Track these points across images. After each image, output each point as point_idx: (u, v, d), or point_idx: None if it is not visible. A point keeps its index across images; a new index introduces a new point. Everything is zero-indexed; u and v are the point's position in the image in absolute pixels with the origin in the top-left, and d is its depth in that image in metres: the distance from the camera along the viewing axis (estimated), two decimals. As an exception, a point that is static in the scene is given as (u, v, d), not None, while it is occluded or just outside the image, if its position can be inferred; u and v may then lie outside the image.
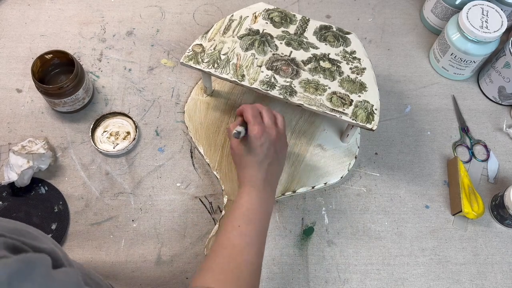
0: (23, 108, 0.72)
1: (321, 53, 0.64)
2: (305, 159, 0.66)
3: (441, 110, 0.76)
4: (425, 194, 0.69)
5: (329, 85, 0.61)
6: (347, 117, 0.59)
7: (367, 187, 0.69)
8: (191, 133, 0.69)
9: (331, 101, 0.60)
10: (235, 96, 0.71)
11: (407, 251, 0.65)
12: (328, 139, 0.68)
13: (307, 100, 0.60)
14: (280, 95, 0.60)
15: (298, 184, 0.65)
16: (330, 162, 0.66)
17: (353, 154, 0.67)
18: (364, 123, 0.59)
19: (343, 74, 0.63)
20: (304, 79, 0.61)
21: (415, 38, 0.84)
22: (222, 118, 0.70)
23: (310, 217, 0.66)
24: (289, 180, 0.65)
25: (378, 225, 0.66)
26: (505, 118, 0.76)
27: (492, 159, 0.72)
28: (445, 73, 0.79)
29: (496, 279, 0.63)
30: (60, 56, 0.69)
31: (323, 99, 0.60)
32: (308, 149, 0.67)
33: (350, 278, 0.62)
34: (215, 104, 0.70)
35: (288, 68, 0.62)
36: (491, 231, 0.67)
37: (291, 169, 0.66)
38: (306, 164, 0.66)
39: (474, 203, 0.65)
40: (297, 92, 0.60)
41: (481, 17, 0.71)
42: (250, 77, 0.61)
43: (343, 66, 0.63)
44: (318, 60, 0.63)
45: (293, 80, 0.61)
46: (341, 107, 0.60)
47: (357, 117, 0.59)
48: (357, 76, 0.63)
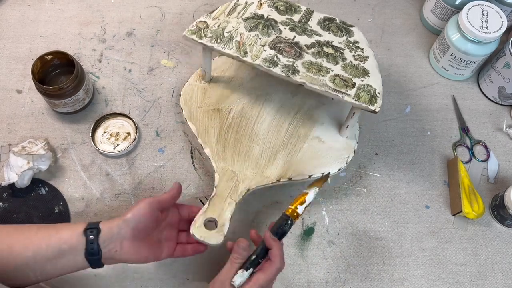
0: (23, 109, 0.72)
1: (325, 40, 0.64)
2: (302, 149, 0.65)
3: (441, 110, 0.76)
4: (425, 195, 0.69)
5: (332, 68, 0.61)
6: (350, 98, 0.58)
7: (367, 187, 0.69)
8: (186, 115, 0.67)
9: (333, 82, 0.59)
10: (234, 85, 0.70)
11: (408, 251, 0.65)
12: (326, 132, 0.67)
13: (310, 79, 0.59)
14: (283, 73, 0.59)
15: (294, 172, 0.64)
16: (328, 154, 0.66)
17: (352, 148, 0.66)
18: (367, 104, 0.58)
19: (346, 60, 0.62)
20: (307, 61, 0.61)
21: (415, 38, 0.84)
22: (219, 104, 0.69)
23: (311, 217, 0.66)
24: (285, 167, 0.64)
25: (378, 225, 0.66)
26: (505, 118, 0.76)
27: (492, 159, 0.72)
28: (445, 73, 0.79)
29: (497, 279, 0.63)
30: (60, 56, 0.69)
31: (326, 79, 0.60)
32: (306, 141, 0.66)
33: (350, 278, 0.63)
34: (213, 90, 0.70)
35: (291, 50, 0.61)
36: (491, 231, 0.67)
37: (287, 158, 0.65)
38: (303, 154, 0.65)
39: (474, 203, 0.65)
40: (299, 72, 0.60)
41: (481, 17, 0.71)
42: (252, 54, 0.61)
43: (346, 53, 0.63)
44: (321, 46, 0.63)
45: (295, 60, 0.61)
46: (343, 88, 0.59)
47: (360, 99, 0.59)
48: (360, 62, 0.62)
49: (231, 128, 0.66)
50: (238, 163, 0.63)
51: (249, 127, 0.67)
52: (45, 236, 0.49)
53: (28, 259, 0.47)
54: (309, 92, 0.62)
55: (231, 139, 0.65)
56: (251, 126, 0.67)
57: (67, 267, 0.50)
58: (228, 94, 0.70)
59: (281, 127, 0.67)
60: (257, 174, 0.63)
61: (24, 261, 0.47)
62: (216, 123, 0.67)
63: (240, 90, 0.70)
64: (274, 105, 0.69)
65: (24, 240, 0.48)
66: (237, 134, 0.66)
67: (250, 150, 0.65)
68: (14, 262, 0.47)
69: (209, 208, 0.58)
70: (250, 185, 0.61)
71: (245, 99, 0.69)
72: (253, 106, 0.69)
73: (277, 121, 0.68)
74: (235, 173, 0.62)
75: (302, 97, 0.70)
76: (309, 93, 0.68)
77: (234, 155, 0.64)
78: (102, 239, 0.50)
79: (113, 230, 0.50)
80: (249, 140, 0.66)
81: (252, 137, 0.66)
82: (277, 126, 0.67)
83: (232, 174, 0.62)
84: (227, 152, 0.64)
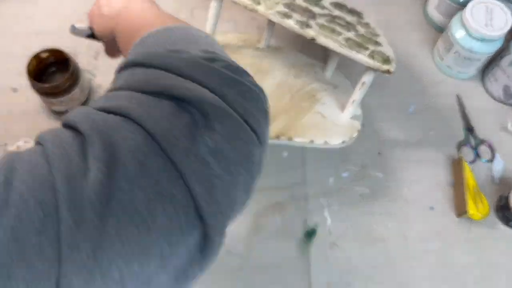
0: (18, 107, 0.71)
1: (337, 15, 0.63)
2: (305, 117, 0.63)
3: (445, 109, 0.75)
4: (429, 195, 0.68)
5: (345, 33, 0.59)
6: (364, 56, 0.56)
7: (370, 188, 0.68)
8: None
9: (347, 42, 0.58)
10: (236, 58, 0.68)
11: (411, 253, 0.64)
12: (329, 111, 0.65)
13: (323, 35, 0.57)
14: (296, 25, 0.57)
15: (295, 133, 0.61)
16: (331, 127, 0.63)
17: (356, 128, 0.64)
18: (381, 63, 0.56)
19: (359, 32, 0.61)
20: (320, 23, 0.59)
21: (419, 36, 0.82)
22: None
23: (312, 218, 0.65)
24: (286, 126, 0.61)
25: (382, 226, 0.65)
26: (510, 117, 0.75)
27: (497, 159, 0.71)
28: (449, 72, 0.78)
29: (502, 281, 0.63)
30: (56, 54, 0.68)
31: (339, 39, 0.58)
32: (308, 113, 0.64)
33: (353, 281, 0.61)
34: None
35: (304, 12, 0.60)
36: (497, 232, 0.66)
37: (289, 121, 0.62)
38: (307, 120, 0.62)
39: (479, 204, 0.64)
40: (312, 27, 0.58)
41: (485, 15, 0.70)
42: (266, 5, 0.58)
43: (358, 28, 0.62)
44: (334, 17, 0.62)
45: (309, 20, 0.59)
46: (357, 48, 0.57)
47: (374, 58, 0.57)
48: (372, 36, 0.61)
49: None
50: None
51: None
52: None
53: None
54: (311, 77, 0.60)
55: None
56: None
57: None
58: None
59: (282, 98, 0.64)
60: None
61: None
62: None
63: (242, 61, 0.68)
64: (275, 80, 0.66)
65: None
66: None
67: None
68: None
69: None
70: None
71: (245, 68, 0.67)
72: (254, 76, 0.66)
73: (279, 92, 0.65)
74: None
75: (304, 80, 0.67)
76: (311, 78, 0.67)
77: None
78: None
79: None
80: None
81: None
82: (278, 96, 0.64)
83: None
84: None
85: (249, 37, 0.73)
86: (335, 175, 0.69)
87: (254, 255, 0.62)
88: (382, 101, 0.76)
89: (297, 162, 0.69)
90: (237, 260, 0.62)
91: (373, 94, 0.76)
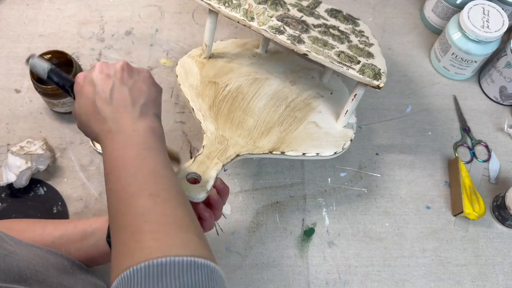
0: (21, 108, 0.72)
1: (331, 24, 0.64)
2: (297, 129, 0.63)
3: (442, 110, 0.76)
4: (426, 195, 0.69)
5: (338, 46, 0.60)
6: (354, 71, 0.57)
7: (368, 188, 0.69)
8: (180, 80, 0.65)
9: (338, 57, 0.59)
10: (233, 66, 0.69)
11: (408, 252, 0.64)
12: (323, 120, 0.66)
13: (315, 50, 0.58)
14: (288, 40, 0.58)
15: (288, 147, 0.61)
16: (324, 138, 0.64)
17: (349, 137, 0.64)
18: (372, 79, 0.57)
19: (352, 42, 0.62)
20: (313, 36, 0.60)
21: (416, 38, 0.83)
22: (216, 78, 0.67)
23: (311, 218, 0.66)
24: (278, 141, 0.61)
25: (379, 226, 0.66)
26: (507, 118, 0.76)
27: (493, 160, 0.72)
28: (446, 73, 0.79)
29: (498, 280, 0.63)
30: (58, 56, 0.69)
31: (331, 53, 0.59)
32: (302, 123, 0.64)
33: (350, 279, 0.62)
34: (211, 67, 0.68)
35: (298, 25, 0.61)
36: (493, 232, 0.67)
37: (282, 134, 0.62)
38: (299, 133, 0.63)
39: (475, 204, 0.65)
40: (305, 42, 0.59)
41: (482, 17, 0.71)
42: (259, 20, 0.59)
43: (351, 37, 0.63)
44: (328, 28, 0.62)
45: (302, 33, 0.60)
46: (348, 63, 0.58)
47: (364, 74, 0.58)
48: (365, 47, 0.62)
49: (226, 100, 0.64)
50: (229, 130, 0.60)
51: (244, 102, 0.64)
52: (75, 222, 0.51)
53: (55, 238, 0.49)
54: (308, 83, 0.60)
55: (225, 108, 0.63)
56: (247, 102, 0.65)
57: (90, 251, 0.50)
58: (226, 72, 0.68)
59: (278, 108, 0.65)
60: (248, 143, 0.60)
61: (51, 240, 0.49)
62: (211, 93, 0.65)
63: (238, 71, 0.69)
64: (272, 88, 0.67)
65: (57, 224, 0.51)
66: (232, 106, 0.64)
67: (243, 121, 0.62)
68: (43, 241, 0.49)
69: (194, 164, 0.53)
70: (241, 151, 0.58)
71: (242, 78, 0.67)
72: (250, 86, 0.67)
73: (274, 102, 0.65)
74: (226, 138, 0.59)
75: (301, 87, 0.68)
76: (308, 84, 0.67)
77: (226, 123, 0.61)
78: None
79: None
80: (244, 113, 0.63)
81: (247, 111, 0.64)
82: (273, 107, 0.65)
83: (222, 138, 0.59)
84: (219, 119, 0.62)
85: (248, 41, 0.74)
86: (333, 175, 0.70)
87: (253, 254, 0.63)
88: (379, 102, 0.76)
89: (296, 163, 0.70)
90: (236, 258, 0.63)
91: (371, 95, 0.77)
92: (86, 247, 0.49)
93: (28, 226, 0.52)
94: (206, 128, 0.60)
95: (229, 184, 0.68)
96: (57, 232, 0.49)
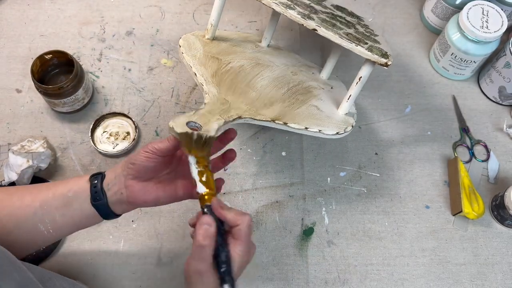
0: (22, 108, 0.72)
1: (338, 14, 0.64)
2: (301, 107, 0.62)
3: (441, 110, 0.76)
4: (425, 195, 0.69)
5: (345, 29, 0.60)
6: (363, 49, 0.57)
7: (367, 187, 0.69)
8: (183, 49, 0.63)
9: (347, 36, 0.58)
10: (236, 50, 0.69)
11: (407, 251, 0.65)
12: (325, 106, 0.65)
13: (325, 27, 0.58)
14: (299, 15, 0.57)
15: (291, 119, 0.60)
16: (326, 119, 0.63)
17: (350, 123, 0.63)
18: (380, 56, 0.57)
19: (358, 29, 0.62)
20: (322, 18, 0.60)
21: (416, 38, 0.84)
22: (219, 55, 0.66)
23: (310, 217, 0.66)
24: (281, 113, 0.60)
25: (378, 225, 0.66)
26: (506, 118, 0.76)
27: (492, 159, 0.72)
28: (445, 73, 0.79)
29: (497, 279, 0.63)
30: (59, 56, 0.69)
31: (340, 32, 0.59)
32: (304, 105, 0.63)
33: (350, 278, 0.62)
34: (214, 46, 0.67)
35: (306, 7, 0.61)
36: (492, 231, 0.67)
37: (285, 109, 0.61)
38: (302, 111, 0.62)
39: (475, 203, 0.65)
40: (314, 19, 0.58)
41: (481, 17, 0.71)
42: None
43: (358, 27, 0.63)
44: (335, 16, 0.63)
45: (311, 13, 0.60)
46: (356, 41, 0.58)
47: (373, 52, 0.57)
48: (371, 35, 0.62)
49: (228, 73, 0.63)
50: (232, 96, 0.58)
51: (247, 78, 0.63)
52: (52, 187, 0.49)
53: (36, 209, 0.47)
54: (309, 76, 0.60)
55: (228, 79, 0.61)
56: (249, 79, 0.63)
57: (76, 217, 0.49)
58: (229, 53, 0.67)
59: (280, 89, 0.64)
60: (251, 109, 0.58)
61: (32, 211, 0.47)
62: (214, 65, 0.63)
63: (241, 54, 0.68)
64: (274, 74, 0.66)
65: (34, 192, 0.49)
66: (234, 79, 0.62)
67: (246, 92, 0.60)
68: (24, 213, 0.47)
69: (195, 115, 0.50)
70: (243, 114, 0.55)
71: (245, 61, 0.67)
72: (253, 68, 0.66)
73: (276, 83, 0.64)
74: (228, 101, 0.56)
75: (302, 77, 0.68)
76: (309, 77, 0.68)
77: (229, 90, 0.59)
78: (106, 183, 0.48)
79: (117, 171, 0.48)
80: (247, 86, 0.61)
81: (250, 85, 0.62)
82: (275, 87, 0.64)
83: (224, 101, 0.56)
84: (222, 86, 0.60)
85: (250, 35, 0.74)
86: (332, 175, 0.70)
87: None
88: (379, 101, 0.77)
89: (295, 162, 0.71)
90: (236, 257, 0.63)
91: (370, 95, 0.77)
92: (71, 212, 0.48)
93: (5, 197, 0.49)
94: (209, 90, 0.57)
95: (229, 184, 0.68)
96: (36, 202, 0.47)
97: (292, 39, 0.82)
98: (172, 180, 0.50)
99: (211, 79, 0.60)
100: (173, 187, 0.49)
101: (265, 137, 0.72)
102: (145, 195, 0.48)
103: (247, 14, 0.84)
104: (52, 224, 0.48)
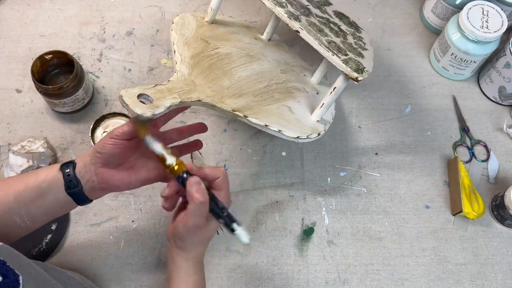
0: (22, 108, 0.72)
1: (334, 21, 0.64)
2: (271, 105, 0.62)
3: (441, 110, 0.76)
4: (426, 194, 0.69)
5: (332, 37, 0.60)
6: (338, 60, 0.57)
7: (367, 187, 0.69)
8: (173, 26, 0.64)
9: (329, 44, 0.59)
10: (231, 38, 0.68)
11: (408, 251, 0.65)
12: (299, 109, 0.64)
13: (308, 30, 0.58)
14: (285, 14, 0.58)
15: (254, 114, 0.59)
16: (293, 122, 0.62)
17: (317, 131, 0.62)
18: (353, 71, 0.57)
19: (347, 40, 0.62)
20: (311, 21, 0.60)
21: (415, 38, 0.84)
22: (210, 39, 0.65)
23: (310, 217, 0.66)
24: (246, 106, 0.59)
25: (378, 225, 0.66)
26: (506, 118, 0.76)
27: (492, 159, 0.72)
28: (445, 73, 0.79)
29: (497, 279, 0.63)
30: (59, 56, 0.69)
31: (323, 39, 0.59)
32: (276, 104, 0.63)
33: (350, 278, 0.62)
34: (209, 29, 0.67)
35: (300, 8, 0.61)
36: (492, 231, 0.67)
37: (252, 103, 0.61)
38: (271, 108, 0.62)
39: (475, 203, 0.65)
40: (301, 21, 0.59)
41: (481, 17, 0.71)
42: None
43: (348, 37, 0.63)
44: (329, 22, 0.63)
45: (301, 15, 0.60)
46: (335, 51, 0.58)
47: (347, 64, 0.57)
48: (358, 48, 0.62)
49: (210, 58, 0.62)
50: (202, 81, 0.58)
51: (228, 66, 0.63)
52: (24, 178, 0.49)
53: (10, 203, 0.47)
54: (298, 78, 0.60)
55: (206, 63, 0.61)
56: (231, 67, 0.63)
57: (52, 206, 0.49)
58: (222, 39, 0.67)
59: (259, 83, 0.63)
60: (215, 96, 0.57)
61: (8, 206, 0.47)
62: (199, 47, 0.63)
63: (235, 43, 0.68)
64: (260, 68, 0.66)
65: (5, 187, 0.48)
66: (214, 64, 0.62)
67: (219, 79, 0.60)
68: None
69: (151, 89, 0.50)
70: (204, 99, 0.55)
71: (235, 49, 0.67)
72: (241, 58, 0.66)
73: (257, 77, 0.64)
74: (195, 84, 0.56)
75: (289, 77, 0.68)
76: (297, 78, 0.67)
77: (201, 74, 0.59)
78: (78, 171, 0.49)
79: (85, 160, 0.49)
80: (223, 74, 0.61)
81: (226, 73, 0.62)
82: (255, 81, 0.63)
83: (191, 82, 0.56)
84: (196, 69, 0.60)
85: (255, 26, 0.73)
86: (332, 175, 0.70)
87: (253, 253, 0.64)
88: (379, 101, 0.77)
89: (295, 162, 0.71)
90: (236, 257, 0.63)
91: (370, 95, 0.77)
92: (47, 203, 0.48)
93: None
94: (179, 69, 0.57)
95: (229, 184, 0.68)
96: (10, 196, 0.47)
97: (294, 38, 0.82)
98: (143, 164, 0.51)
99: (188, 60, 0.60)
100: (144, 171, 0.51)
101: (265, 137, 0.72)
102: (117, 181, 0.49)
103: (247, 14, 0.84)
104: (28, 216, 0.48)
